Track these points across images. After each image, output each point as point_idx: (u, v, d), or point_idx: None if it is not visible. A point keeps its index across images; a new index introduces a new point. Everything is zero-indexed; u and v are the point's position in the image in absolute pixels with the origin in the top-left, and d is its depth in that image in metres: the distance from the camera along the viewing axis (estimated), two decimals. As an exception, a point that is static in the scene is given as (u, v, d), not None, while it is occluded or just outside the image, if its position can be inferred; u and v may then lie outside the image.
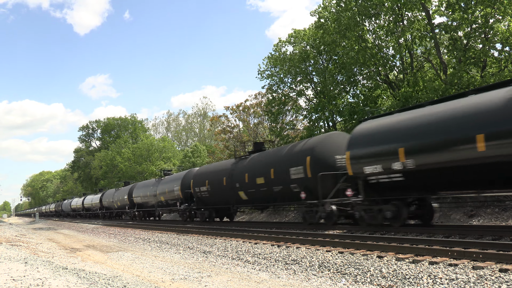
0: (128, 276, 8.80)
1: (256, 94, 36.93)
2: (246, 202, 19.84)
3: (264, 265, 9.66)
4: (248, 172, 18.67)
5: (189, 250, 13.26)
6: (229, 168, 20.55)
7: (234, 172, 19.88)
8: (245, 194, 19.19)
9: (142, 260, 11.72)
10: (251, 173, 18.44)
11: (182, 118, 78.70)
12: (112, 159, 60.61)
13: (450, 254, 8.17)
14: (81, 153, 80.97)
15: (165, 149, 57.17)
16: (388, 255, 9.01)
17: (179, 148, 69.74)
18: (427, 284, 6.76)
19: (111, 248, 15.58)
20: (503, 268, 6.90)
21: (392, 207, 12.43)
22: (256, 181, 18.04)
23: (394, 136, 12.07)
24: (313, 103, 26.69)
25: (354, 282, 7.50)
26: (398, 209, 12.33)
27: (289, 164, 16.31)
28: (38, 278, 7.28)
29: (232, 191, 19.97)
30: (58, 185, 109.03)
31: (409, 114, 12.19)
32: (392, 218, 12.44)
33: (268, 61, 27.83)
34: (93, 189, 65.13)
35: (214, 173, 22.04)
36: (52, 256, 13.01)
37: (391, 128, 12.40)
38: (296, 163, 15.91)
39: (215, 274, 9.00)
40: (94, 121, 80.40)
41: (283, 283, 7.84)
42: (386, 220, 12.63)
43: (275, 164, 17.27)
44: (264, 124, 35.92)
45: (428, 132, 11.01)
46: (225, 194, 20.80)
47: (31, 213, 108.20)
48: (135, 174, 54.59)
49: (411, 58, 21.73)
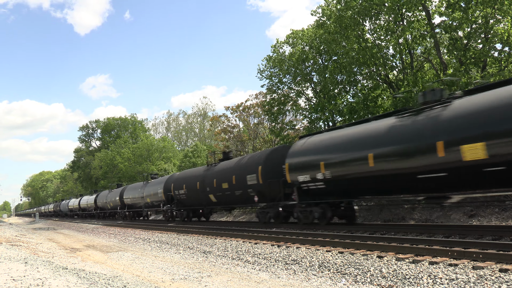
0: (128, 276, 8.80)
1: (257, 94, 36.97)
2: (216, 203, 22.80)
3: (264, 265, 9.66)
4: (216, 178, 21.77)
5: (189, 250, 13.26)
6: (202, 174, 23.66)
7: (205, 177, 22.96)
8: (214, 197, 22.22)
9: (142, 260, 11.72)
10: (218, 179, 21.46)
11: (182, 118, 78.75)
12: (112, 159, 60.60)
13: (450, 254, 8.17)
14: (81, 153, 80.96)
15: (165, 149, 57.16)
16: (388, 255, 9.01)
17: (179, 148, 69.71)
18: (427, 284, 6.76)
19: (111, 248, 15.58)
20: (503, 268, 6.90)
21: (319, 209, 15.31)
22: (222, 186, 21.05)
23: (318, 151, 15.14)
24: (313, 103, 26.70)
25: (354, 282, 7.50)
26: (323, 211, 15.22)
27: (246, 172, 19.19)
28: (38, 278, 7.27)
29: (204, 194, 23.00)
30: (58, 185, 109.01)
31: (330, 134, 15.37)
32: (320, 217, 15.27)
33: (267, 62, 27.86)
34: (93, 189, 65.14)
35: (190, 178, 25.04)
36: (52, 256, 13.01)
37: (316, 145, 15.47)
38: (251, 171, 18.83)
39: (215, 274, 9.00)
40: (94, 121, 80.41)
41: (283, 283, 7.84)
42: (316, 219, 15.47)
43: (236, 171, 20.12)
44: (264, 124, 35.92)
45: (339, 149, 14.19)
46: (198, 196, 23.76)
47: (31, 213, 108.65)
48: (135, 174, 54.58)
49: (411, 58, 21.73)
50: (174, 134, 77.63)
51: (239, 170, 19.86)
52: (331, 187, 14.51)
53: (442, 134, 10.66)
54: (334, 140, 14.70)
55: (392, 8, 20.03)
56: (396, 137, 12.11)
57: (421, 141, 11.18)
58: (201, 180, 23.23)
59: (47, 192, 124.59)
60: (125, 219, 37.50)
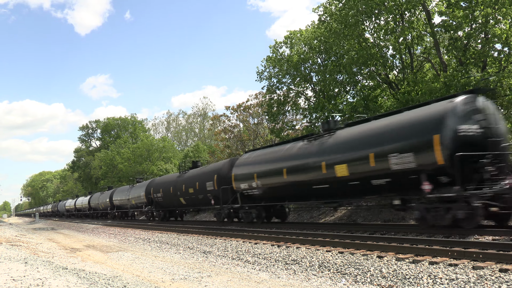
0: (128, 276, 8.80)
1: (257, 94, 36.96)
2: (185, 205, 26.58)
3: (264, 265, 9.66)
4: (184, 184, 25.39)
5: (189, 250, 13.26)
6: (175, 180, 27.45)
7: (177, 183, 26.67)
8: (184, 200, 25.88)
9: (142, 260, 11.73)
10: (186, 185, 25.05)
11: (182, 118, 78.71)
12: (112, 159, 60.59)
13: (450, 254, 8.17)
14: (81, 153, 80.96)
15: (165, 149, 57.13)
16: (388, 255, 9.01)
17: (179, 148, 69.67)
18: (427, 284, 6.76)
19: (111, 248, 15.58)
20: (503, 268, 6.90)
21: (256, 210, 18.88)
22: (189, 191, 24.59)
23: (253, 165, 18.88)
24: (312, 103, 26.71)
25: (354, 282, 7.50)
26: (259, 212, 18.78)
27: (206, 179, 22.79)
28: (38, 278, 7.28)
29: (176, 197, 26.74)
30: (58, 185, 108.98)
31: (263, 151, 19.26)
32: (257, 217, 18.93)
33: (267, 63, 27.88)
34: (93, 189, 65.17)
35: (166, 183, 28.92)
36: (52, 256, 13.01)
37: (252, 159, 19.27)
38: (209, 179, 22.39)
39: (215, 274, 9.00)
40: (94, 121, 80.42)
41: (283, 283, 7.84)
42: (254, 219, 18.99)
43: (199, 179, 23.67)
44: (264, 124, 35.92)
45: (266, 164, 18.10)
46: (172, 199, 27.60)
47: (31, 213, 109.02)
48: (135, 174, 54.57)
49: (411, 58, 21.72)
50: (174, 134, 77.62)
51: (201, 178, 23.55)
52: (262, 194, 18.28)
53: (325, 157, 14.59)
54: (264, 156, 18.65)
55: (391, 8, 20.03)
56: (300, 156, 16.00)
57: (314, 161, 15.06)
58: (174, 185, 27.07)
59: (47, 192, 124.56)
60: (114, 219, 41.60)
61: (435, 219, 11.40)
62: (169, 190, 27.50)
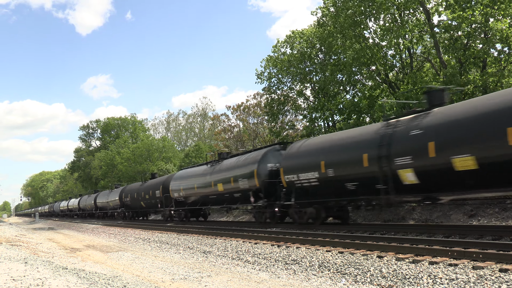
0: (128, 276, 8.80)
1: (255, 94, 36.94)
2: (145, 208, 33.37)
3: (264, 265, 9.66)
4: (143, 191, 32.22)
5: (189, 250, 13.26)
6: (138, 188, 34.29)
7: (139, 190, 33.68)
8: (144, 203, 32.65)
9: (142, 260, 11.73)
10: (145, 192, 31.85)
11: (182, 118, 78.62)
12: (112, 159, 60.57)
13: (450, 254, 8.17)
14: (81, 153, 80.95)
15: (165, 149, 57.08)
16: (388, 255, 9.00)
17: (179, 148, 69.61)
18: (427, 284, 6.76)
19: (111, 248, 15.58)
20: (503, 268, 6.90)
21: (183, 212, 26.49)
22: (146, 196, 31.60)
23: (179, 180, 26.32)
24: (312, 102, 26.70)
25: (354, 282, 7.50)
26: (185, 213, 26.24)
27: (156, 188, 30.04)
28: (38, 278, 7.27)
29: (138, 201, 33.58)
30: (58, 185, 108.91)
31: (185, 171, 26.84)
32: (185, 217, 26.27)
33: (266, 63, 27.86)
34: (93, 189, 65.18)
35: (132, 190, 35.66)
36: (52, 256, 13.01)
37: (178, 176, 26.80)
38: (157, 188, 29.51)
39: (215, 274, 9.00)
40: (94, 121, 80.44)
41: (283, 283, 7.84)
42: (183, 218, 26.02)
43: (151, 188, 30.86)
44: (264, 124, 35.92)
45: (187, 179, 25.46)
46: (136, 203, 34.33)
47: (30, 213, 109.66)
48: (135, 174, 54.55)
49: (410, 58, 21.73)
50: (174, 134, 77.55)
51: (153, 187, 30.39)
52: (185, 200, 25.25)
53: (214, 178, 21.51)
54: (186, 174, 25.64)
55: (389, 8, 20.02)
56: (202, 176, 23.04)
57: (208, 181, 22.14)
58: (137, 191, 33.74)
59: (47, 192, 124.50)
60: (98, 218, 48.64)
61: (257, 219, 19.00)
62: (134, 195, 34.50)
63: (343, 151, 14.01)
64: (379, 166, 12.24)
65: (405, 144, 11.58)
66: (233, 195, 20.52)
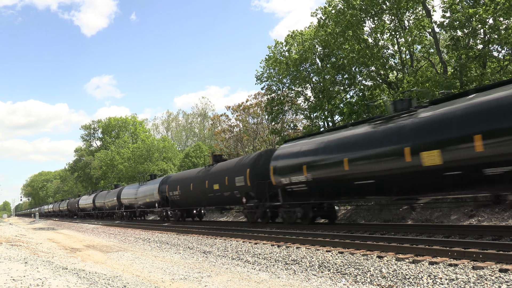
0: (128, 276, 8.80)
1: (256, 94, 36.91)
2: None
3: (264, 265, 9.66)
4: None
5: (189, 250, 13.26)
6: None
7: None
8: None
9: (142, 260, 11.73)
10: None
11: (182, 118, 78.62)
12: (112, 159, 60.56)
13: (450, 254, 8.17)
14: (81, 153, 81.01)
15: (165, 149, 57.07)
16: (388, 255, 9.00)
17: (179, 148, 69.60)
18: (427, 284, 6.76)
19: (111, 248, 15.58)
20: (503, 268, 6.90)
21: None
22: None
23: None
24: (312, 102, 26.69)
25: (354, 282, 7.50)
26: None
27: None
28: (38, 278, 7.27)
29: (118, 202, 39.22)
30: (59, 185, 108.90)
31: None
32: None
33: (266, 64, 27.84)
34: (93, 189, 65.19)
35: (107, 196, 41.89)
36: (52, 256, 13.01)
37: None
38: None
39: (215, 274, 9.00)
40: (96, 121, 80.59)
41: (283, 283, 7.84)
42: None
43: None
44: (264, 124, 35.90)
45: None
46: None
47: (30, 213, 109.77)
48: (135, 174, 54.55)
49: (410, 58, 21.72)
50: (174, 134, 77.55)
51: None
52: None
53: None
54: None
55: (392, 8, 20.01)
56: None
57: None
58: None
59: (47, 192, 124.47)
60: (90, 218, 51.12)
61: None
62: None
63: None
64: None
65: None
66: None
